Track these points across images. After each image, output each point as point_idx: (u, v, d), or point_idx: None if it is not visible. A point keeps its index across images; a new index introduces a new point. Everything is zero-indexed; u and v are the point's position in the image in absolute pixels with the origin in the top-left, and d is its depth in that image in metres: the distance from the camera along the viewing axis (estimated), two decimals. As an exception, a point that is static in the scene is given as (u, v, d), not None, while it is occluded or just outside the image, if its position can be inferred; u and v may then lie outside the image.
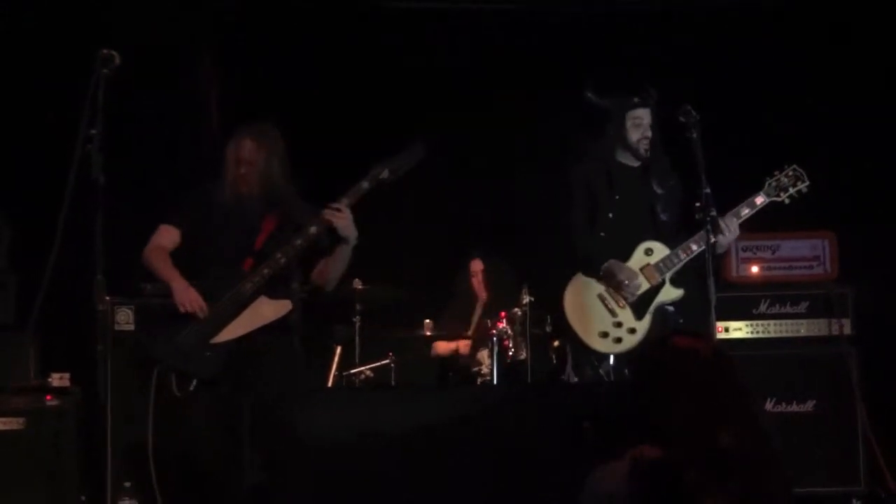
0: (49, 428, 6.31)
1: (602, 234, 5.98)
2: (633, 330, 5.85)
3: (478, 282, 7.74)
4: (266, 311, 5.40)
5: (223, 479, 5.37)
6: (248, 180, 5.52)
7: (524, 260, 7.45)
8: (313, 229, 5.40)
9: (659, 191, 6.00)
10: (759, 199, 5.98)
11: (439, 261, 7.93)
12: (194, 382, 5.31)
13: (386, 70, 7.92)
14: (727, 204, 5.91)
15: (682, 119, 5.56)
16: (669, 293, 5.91)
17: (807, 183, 6.01)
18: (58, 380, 6.44)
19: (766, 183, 6.00)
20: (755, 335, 6.84)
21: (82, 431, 6.36)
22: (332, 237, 5.46)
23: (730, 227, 5.85)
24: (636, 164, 6.06)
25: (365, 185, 5.41)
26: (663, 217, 5.98)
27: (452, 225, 7.96)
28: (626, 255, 5.93)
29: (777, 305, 6.87)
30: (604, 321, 5.87)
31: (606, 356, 5.89)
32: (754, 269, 6.98)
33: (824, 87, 7.63)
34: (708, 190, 5.40)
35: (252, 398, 5.39)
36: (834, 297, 6.81)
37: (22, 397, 6.35)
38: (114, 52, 4.74)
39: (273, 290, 5.43)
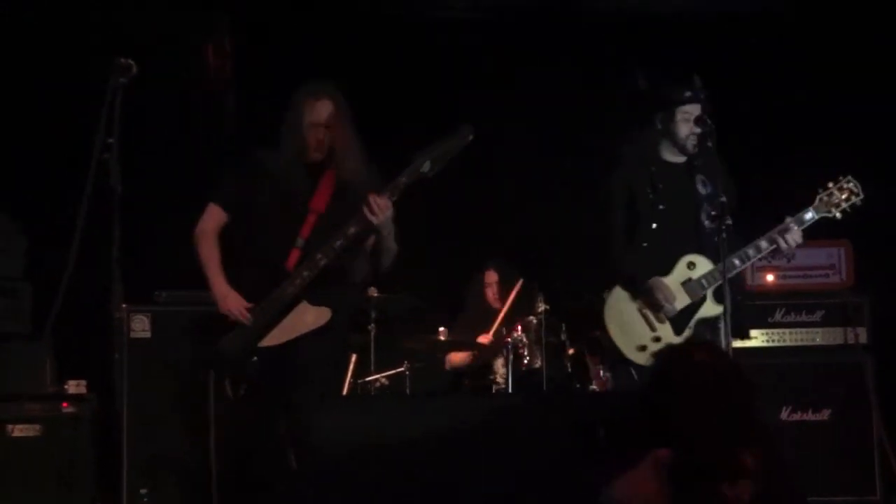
0: (65, 435, 6.34)
1: (644, 244, 5.75)
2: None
3: (493, 293, 7.72)
4: (307, 318, 5.28)
5: (272, 483, 5.31)
6: (327, 146, 5.31)
7: (540, 268, 7.44)
8: (352, 230, 5.19)
9: (703, 191, 5.75)
10: (809, 216, 5.71)
11: (454, 270, 7.92)
12: (244, 386, 5.25)
13: (403, 74, 7.92)
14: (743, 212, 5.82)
15: (698, 129, 5.53)
16: (711, 309, 5.71)
17: (861, 196, 5.75)
18: (74, 387, 6.47)
19: (818, 198, 5.72)
20: (771, 344, 6.83)
21: (98, 438, 6.39)
22: (371, 233, 5.28)
23: (796, 240, 5.67)
24: (681, 160, 5.83)
25: (403, 179, 5.17)
26: (707, 223, 5.71)
27: (468, 233, 7.96)
28: (668, 268, 5.71)
29: (793, 314, 6.86)
30: (643, 335, 5.72)
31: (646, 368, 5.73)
32: (770, 277, 6.98)
33: (841, 93, 7.62)
34: (724, 199, 5.36)
35: (292, 404, 5.31)
36: (850, 305, 6.80)
37: (38, 404, 6.38)
38: (131, 62, 4.73)
39: (315, 293, 5.28)
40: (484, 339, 7.46)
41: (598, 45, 7.83)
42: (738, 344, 6.29)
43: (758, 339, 6.84)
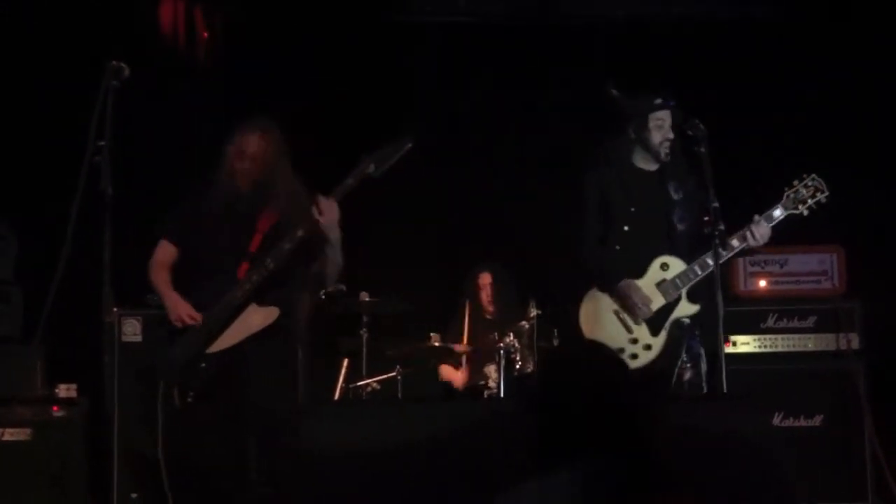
0: (56, 439, 6.32)
1: (617, 246, 5.85)
2: (648, 346, 5.78)
3: (486, 295, 7.71)
4: (254, 319, 5.38)
5: (228, 491, 5.35)
6: (249, 175, 5.48)
7: (531, 272, 7.44)
8: (300, 233, 5.33)
9: (675, 196, 5.84)
10: (777, 212, 5.82)
11: (446, 273, 7.91)
12: (191, 394, 5.32)
13: (390, 76, 7.93)
14: (740, 215, 5.83)
15: (690, 133, 5.54)
16: (686, 308, 5.79)
17: (826, 193, 5.83)
18: (65, 391, 6.45)
19: (785, 195, 5.83)
20: (763, 349, 6.83)
21: (89, 442, 6.37)
22: (318, 238, 5.39)
23: (763, 235, 5.75)
24: (654, 167, 5.92)
25: (350, 181, 5.33)
26: (680, 226, 5.81)
27: (459, 237, 7.95)
28: (642, 270, 5.80)
29: (785, 320, 6.86)
30: (619, 337, 5.78)
31: None
32: (762, 283, 6.98)
33: (833, 99, 7.63)
34: (716, 204, 5.37)
35: (247, 407, 5.37)
36: (842, 311, 6.80)
37: (29, 408, 6.36)
38: (123, 64, 4.74)
39: (263, 296, 5.40)
40: (459, 347, 7.47)
41: (581, 51, 7.84)
42: (729, 350, 6.31)
43: (750, 344, 6.84)
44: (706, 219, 5.42)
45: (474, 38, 8.10)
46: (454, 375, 7.64)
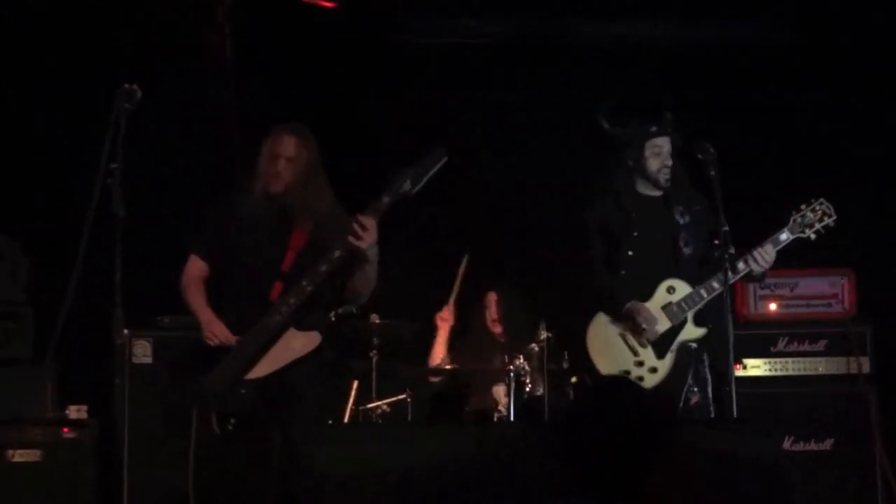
0: (66, 460, 6.31)
1: (623, 272, 5.86)
2: (654, 369, 5.78)
3: (490, 314, 7.71)
4: (296, 344, 5.23)
5: None
6: (283, 180, 5.30)
7: (542, 295, 7.43)
8: (337, 254, 5.15)
9: (682, 220, 5.85)
10: (784, 236, 5.79)
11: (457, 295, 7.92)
12: (232, 421, 5.19)
13: (399, 95, 7.94)
14: (749, 239, 5.83)
15: (699, 156, 5.54)
16: (692, 332, 5.79)
17: (834, 217, 5.80)
18: (75, 412, 6.44)
19: (791, 219, 5.81)
20: (773, 373, 6.82)
21: (99, 464, 6.36)
22: (355, 258, 5.22)
23: (768, 260, 5.74)
24: (657, 193, 5.93)
25: (386, 199, 5.13)
26: (686, 250, 5.82)
27: (471, 259, 7.95)
28: (648, 294, 5.81)
29: (795, 343, 6.85)
30: (625, 360, 5.80)
31: None
32: (772, 306, 6.97)
33: (844, 122, 7.62)
34: (726, 228, 5.38)
35: (286, 433, 5.26)
36: (852, 335, 6.78)
37: (39, 429, 6.35)
38: (135, 87, 4.76)
39: (301, 320, 5.24)
40: (438, 354, 7.50)
41: (590, 73, 7.85)
42: (739, 373, 6.31)
43: (760, 368, 6.83)
44: (716, 242, 5.43)
45: (483, 59, 8.10)
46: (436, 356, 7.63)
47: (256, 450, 5.28)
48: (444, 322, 7.62)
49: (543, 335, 6.75)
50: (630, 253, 5.86)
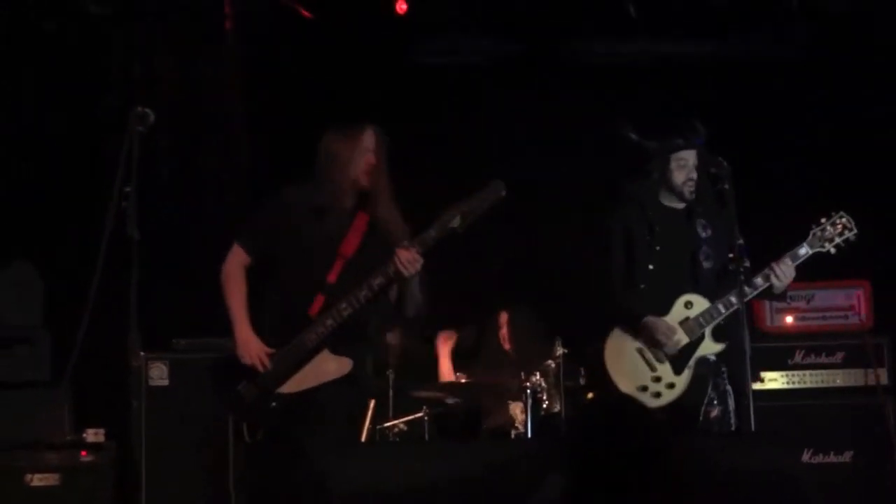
0: (84, 484, 6.32)
1: (642, 285, 5.81)
2: (671, 385, 5.75)
3: (503, 334, 7.72)
4: (328, 367, 5.22)
5: None
6: (366, 175, 5.26)
7: (558, 312, 7.43)
8: (378, 280, 5.12)
9: (704, 234, 5.81)
10: (803, 251, 5.73)
11: (472, 312, 7.91)
12: (261, 431, 5.22)
13: (413, 115, 7.94)
14: (769, 253, 5.80)
15: (713, 171, 5.53)
16: (710, 347, 5.75)
17: (855, 232, 5.74)
18: (93, 435, 6.45)
19: (811, 233, 5.75)
20: (791, 386, 6.80)
21: (117, 487, 6.37)
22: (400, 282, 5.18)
23: (786, 274, 5.66)
24: (681, 205, 5.90)
25: (433, 233, 5.10)
26: (706, 264, 5.78)
27: (486, 275, 7.95)
28: (666, 308, 5.77)
29: (812, 355, 6.83)
30: (643, 375, 5.77)
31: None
32: (789, 319, 6.96)
33: (860, 134, 7.62)
34: (741, 241, 5.35)
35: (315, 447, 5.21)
36: (870, 346, 6.76)
37: (57, 453, 6.37)
38: (148, 110, 4.77)
39: (337, 345, 5.22)
40: (445, 373, 7.51)
41: (604, 90, 7.85)
42: (757, 386, 6.28)
43: (777, 381, 6.81)
44: (731, 255, 5.40)
45: (494, 78, 8.11)
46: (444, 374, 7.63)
47: (281, 462, 5.28)
48: (447, 341, 7.62)
49: (559, 352, 6.75)
50: (650, 267, 5.82)
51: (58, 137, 7.43)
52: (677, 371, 5.73)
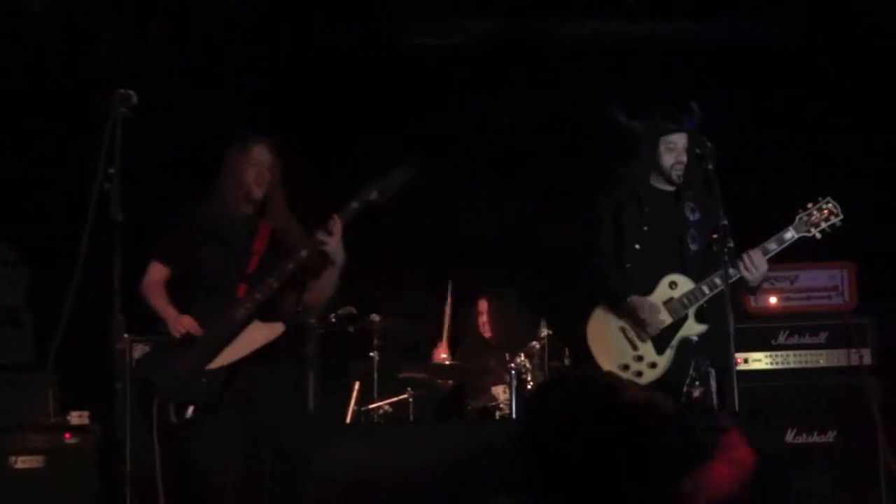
0: (68, 466, 6.31)
1: (628, 265, 5.83)
2: (653, 364, 5.77)
3: (483, 321, 7.72)
4: (258, 335, 5.37)
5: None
6: (260, 186, 5.55)
7: (542, 291, 7.44)
8: (304, 253, 5.38)
9: (692, 217, 5.83)
10: (789, 235, 5.76)
11: (456, 295, 7.92)
12: (191, 409, 5.29)
13: (388, 93, 7.94)
14: (756, 238, 5.80)
15: (697, 151, 5.54)
16: (692, 328, 5.77)
17: (840, 217, 5.77)
18: (77, 418, 6.45)
19: (797, 217, 5.77)
20: (775, 366, 6.81)
21: (102, 469, 6.36)
22: (322, 260, 5.43)
23: (756, 264, 5.68)
24: (670, 188, 5.90)
25: (355, 205, 5.40)
26: (693, 247, 5.78)
27: (470, 256, 7.95)
28: (650, 288, 5.78)
29: (796, 336, 6.84)
30: (625, 354, 5.79)
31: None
32: (773, 299, 6.97)
33: (844, 116, 7.63)
34: (725, 222, 5.36)
35: (256, 427, 5.39)
36: (853, 327, 6.78)
37: (41, 436, 6.36)
38: (131, 92, 4.76)
39: (265, 315, 5.42)
40: (440, 352, 7.51)
41: (578, 73, 7.84)
42: (741, 367, 6.30)
43: (761, 361, 6.82)
44: (714, 236, 5.42)
45: (478, 60, 8.10)
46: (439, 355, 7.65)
47: (220, 437, 5.32)
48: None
49: (544, 332, 6.76)
50: (637, 247, 5.82)
51: (41, 118, 7.40)
52: (659, 351, 5.76)
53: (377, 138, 7.53)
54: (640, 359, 5.77)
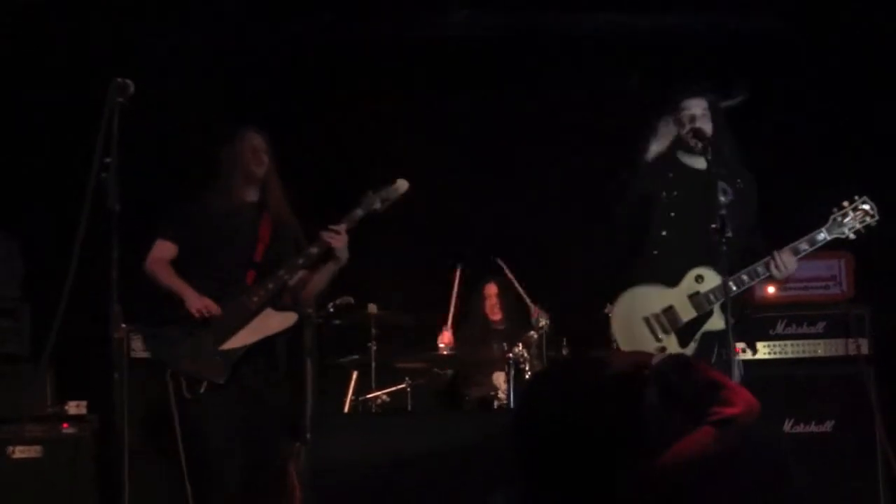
0: (66, 456, 6.33)
1: (655, 251, 5.60)
2: None
3: (490, 305, 7.73)
4: (273, 322, 5.55)
5: (240, 475, 5.42)
6: (262, 172, 5.73)
7: (542, 282, 7.44)
8: (314, 249, 5.61)
9: (723, 199, 5.33)
10: (821, 236, 5.51)
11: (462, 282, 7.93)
12: (204, 385, 5.38)
13: (393, 89, 7.94)
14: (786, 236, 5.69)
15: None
16: (717, 323, 5.52)
17: (876, 218, 5.54)
18: (74, 408, 6.46)
19: (831, 218, 5.52)
20: (773, 356, 6.82)
21: (99, 459, 6.37)
22: (326, 257, 5.66)
23: (785, 264, 5.45)
24: (701, 165, 5.46)
25: (359, 213, 5.68)
26: (726, 234, 5.23)
27: (471, 247, 7.96)
28: (676, 280, 5.55)
29: (794, 326, 6.85)
30: (646, 343, 5.54)
31: None
32: (771, 289, 6.96)
33: (842, 105, 7.61)
34: (724, 212, 5.21)
35: (260, 407, 5.52)
36: (851, 317, 6.78)
37: (39, 426, 6.37)
38: (128, 81, 4.74)
39: (277, 304, 5.60)
40: (445, 337, 7.52)
41: (591, 62, 7.81)
42: (743, 356, 6.28)
43: (760, 351, 6.82)
44: (713, 226, 5.24)
45: (482, 50, 8.09)
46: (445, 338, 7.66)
47: (228, 415, 5.41)
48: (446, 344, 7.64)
49: (542, 323, 6.77)
50: (664, 233, 5.61)
51: (36, 109, 7.39)
52: (683, 344, 5.52)
53: (380, 128, 7.54)
54: (662, 350, 5.50)
